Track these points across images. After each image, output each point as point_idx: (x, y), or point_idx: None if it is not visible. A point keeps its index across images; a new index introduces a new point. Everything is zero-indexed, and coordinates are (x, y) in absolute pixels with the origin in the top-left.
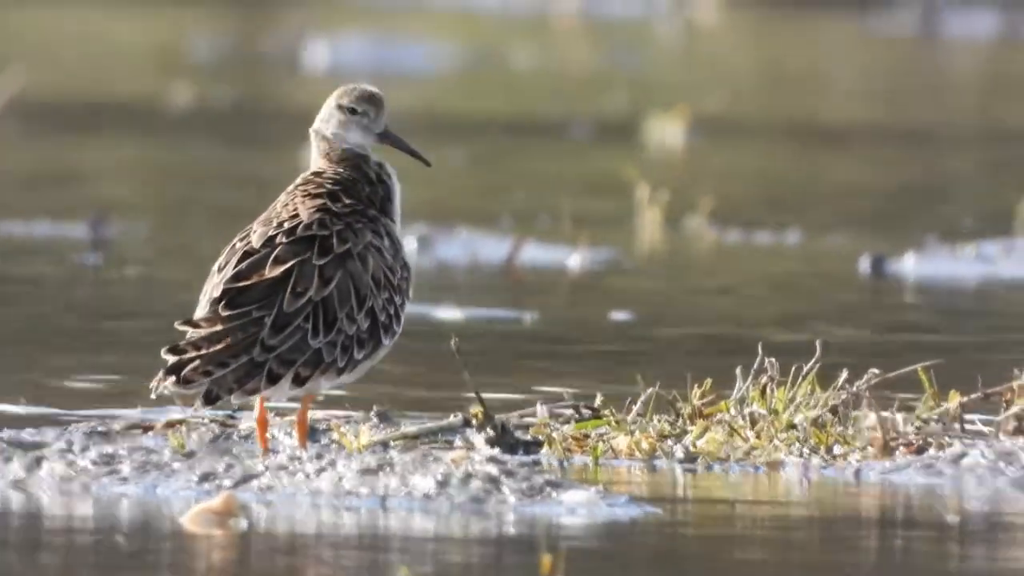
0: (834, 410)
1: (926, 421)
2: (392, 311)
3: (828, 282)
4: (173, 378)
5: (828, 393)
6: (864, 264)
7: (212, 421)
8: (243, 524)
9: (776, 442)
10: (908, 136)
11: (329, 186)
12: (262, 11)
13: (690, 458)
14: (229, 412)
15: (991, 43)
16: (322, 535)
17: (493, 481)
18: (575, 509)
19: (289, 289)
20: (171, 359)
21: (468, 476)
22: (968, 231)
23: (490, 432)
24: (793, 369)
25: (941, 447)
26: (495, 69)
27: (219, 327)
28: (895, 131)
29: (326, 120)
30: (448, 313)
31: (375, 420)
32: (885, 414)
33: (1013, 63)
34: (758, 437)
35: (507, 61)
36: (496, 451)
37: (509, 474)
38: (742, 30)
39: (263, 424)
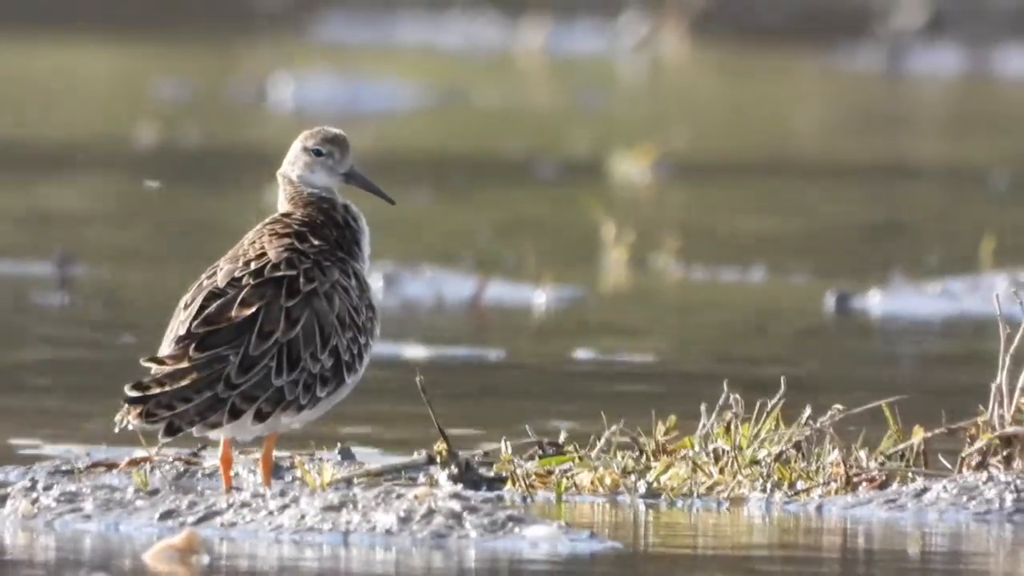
0: (798, 446)
1: (889, 456)
2: (356, 350)
3: (793, 319)
4: (136, 411)
5: (792, 429)
6: (829, 301)
7: (176, 459)
8: (205, 560)
9: (740, 478)
10: (874, 173)
11: (296, 227)
12: (227, 51)
13: (653, 494)
14: (193, 451)
15: (956, 80)
16: (284, 571)
17: (456, 517)
18: (537, 544)
19: (256, 331)
20: (135, 394)
21: (431, 512)
22: (933, 268)
23: (454, 469)
24: (758, 405)
25: (904, 482)
26: (460, 107)
27: (184, 364)
28: (861, 168)
29: (292, 163)
30: (413, 351)
31: (338, 457)
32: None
33: (978, 100)
34: (721, 473)
35: (472, 99)
36: (459, 487)
37: (472, 510)
38: (707, 67)
39: (227, 462)
